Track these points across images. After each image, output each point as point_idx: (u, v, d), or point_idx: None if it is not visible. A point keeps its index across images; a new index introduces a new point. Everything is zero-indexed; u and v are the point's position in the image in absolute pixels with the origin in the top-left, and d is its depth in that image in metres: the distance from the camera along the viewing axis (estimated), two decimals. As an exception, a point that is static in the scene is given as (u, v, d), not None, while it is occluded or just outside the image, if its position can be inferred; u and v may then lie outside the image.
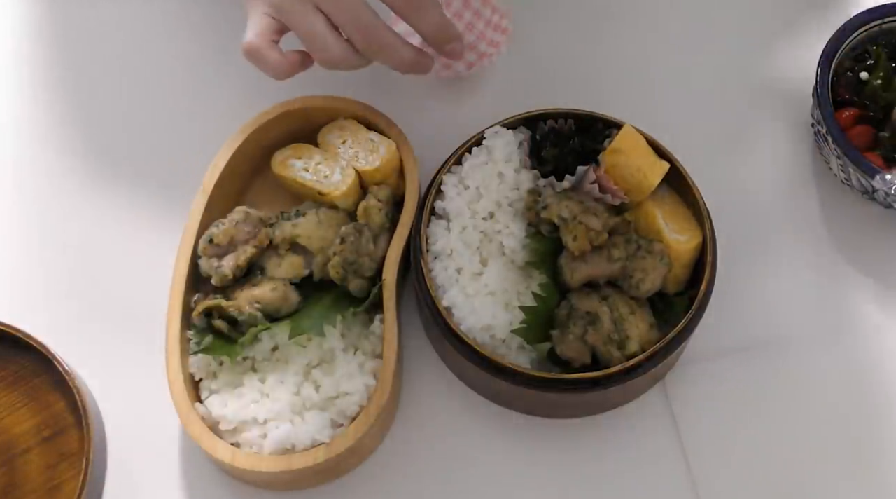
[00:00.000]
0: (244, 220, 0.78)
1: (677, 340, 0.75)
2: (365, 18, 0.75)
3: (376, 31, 0.75)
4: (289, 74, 0.78)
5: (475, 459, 0.79)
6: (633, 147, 0.78)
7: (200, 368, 0.76)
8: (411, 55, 0.78)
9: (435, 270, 0.78)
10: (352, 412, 0.75)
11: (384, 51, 0.76)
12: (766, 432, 0.79)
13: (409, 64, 0.78)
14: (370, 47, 0.76)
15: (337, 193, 0.79)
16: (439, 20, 0.78)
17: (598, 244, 0.77)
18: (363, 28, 0.75)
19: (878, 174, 0.80)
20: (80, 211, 0.87)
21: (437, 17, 0.77)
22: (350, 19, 0.75)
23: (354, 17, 0.75)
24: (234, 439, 0.74)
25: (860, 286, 0.84)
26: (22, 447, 0.77)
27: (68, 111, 0.91)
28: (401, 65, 0.78)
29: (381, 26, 0.76)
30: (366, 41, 0.75)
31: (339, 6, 0.74)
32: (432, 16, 0.77)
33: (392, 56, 0.77)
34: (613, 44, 0.94)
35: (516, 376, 0.74)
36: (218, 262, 0.77)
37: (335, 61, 0.76)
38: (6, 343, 0.79)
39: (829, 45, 0.84)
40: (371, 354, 0.77)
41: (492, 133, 0.81)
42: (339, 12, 0.74)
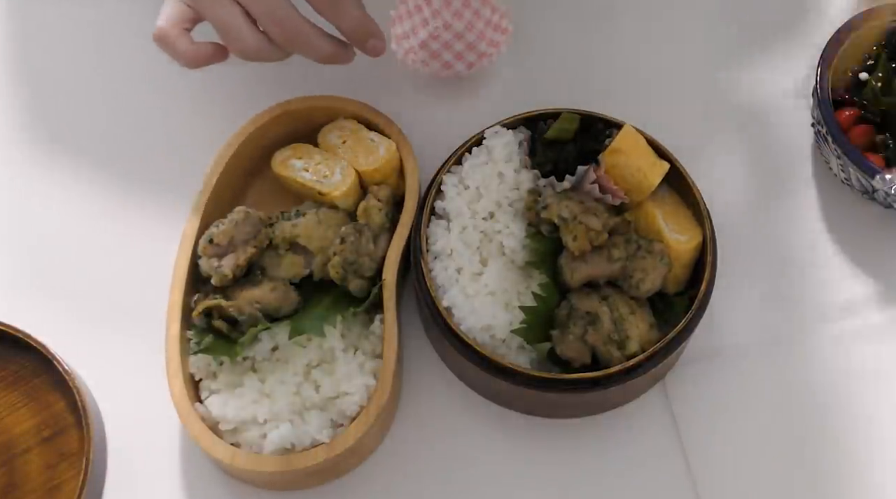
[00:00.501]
0: (244, 220, 0.78)
1: (677, 341, 0.75)
2: (280, 10, 0.74)
3: (291, 23, 0.75)
4: (199, 64, 0.77)
5: (475, 459, 0.79)
6: (633, 147, 0.78)
7: (200, 369, 0.76)
8: (329, 47, 0.78)
9: (435, 270, 0.78)
10: (352, 412, 0.75)
11: (300, 42, 0.76)
12: (766, 432, 0.79)
13: (327, 56, 0.78)
14: (286, 39, 0.75)
15: (337, 193, 0.79)
16: (357, 17, 0.77)
17: (598, 244, 0.77)
18: (278, 20, 0.74)
19: (878, 174, 0.80)
20: (81, 211, 0.87)
21: (354, 14, 0.77)
22: (265, 10, 0.74)
23: (269, 8, 0.74)
24: (234, 439, 0.74)
25: (860, 286, 0.84)
26: (22, 447, 0.77)
27: (68, 111, 0.91)
28: (319, 56, 0.78)
29: (297, 17, 0.75)
30: (281, 32, 0.75)
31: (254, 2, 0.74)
32: (349, 13, 0.77)
33: (309, 48, 0.77)
34: (613, 44, 0.94)
35: (516, 376, 0.75)
36: (218, 262, 0.77)
37: (249, 52, 0.76)
38: (6, 343, 0.79)
39: (829, 45, 0.84)
40: (371, 354, 0.77)
41: (492, 133, 0.81)
42: (253, 3, 0.74)
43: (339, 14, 0.77)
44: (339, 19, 0.77)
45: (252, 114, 0.83)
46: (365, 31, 0.79)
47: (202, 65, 0.77)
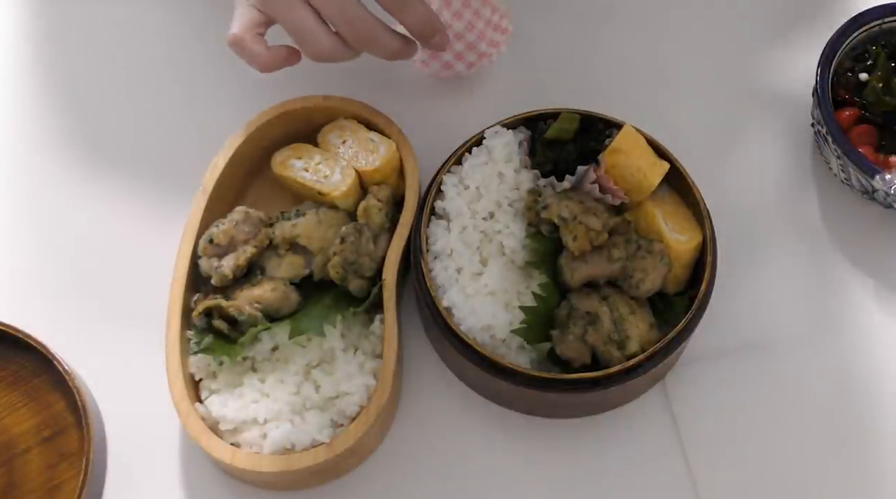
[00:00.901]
0: (244, 220, 0.78)
1: (677, 340, 0.75)
2: (352, 10, 0.74)
3: (363, 23, 0.75)
4: (274, 68, 0.77)
5: (475, 459, 0.79)
6: (633, 147, 0.78)
7: (200, 369, 0.76)
8: (398, 44, 0.78)
9: (435, 270, 0.78)
10: (352, 412, 0.75)
11: (373, 42, 0.76)
12: (766, 432, 0.79)
13: (396, 52, 0.78)
14: (358, 38, 0.76)
15: (337, 194, 0.79)
16: (424, 13, 0.77)
17: (598, 244, 0.76)
18: (350, 20, 0.74)
19: (878, 174, 0.80)
20: (81, 211, 0.87)
21: (421, 10, 0.77)
22: (338, 11, 0.74)
23: (342, 9, 0.74)
24: (234, 439, 0.74)
25: (860, 286, 0.84)
26: (22, 447, 0.77)
27: (68, 112, 0.91)
28: (389, 54, 0.78)
29: (368, 17, 0.75)
30: (355, 33, 0.75)
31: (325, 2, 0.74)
32: (417, 9, 0.77)
33: (380, 46, 0.77)
34: (613, 44, 0.94)
35: (516, 376, 0.74)
36: (218, 262, 0.77)
37: (324, 55, 0.76)
38: (6, 343, 0.79)
39: (829, 45, 0.84)
40: (371, 354, 0.77)
41: (492, 133, 0.81)
42: (326, 5, 0.74)
43: (406, 12, 0.77)
44: (406, 17, 0.77)
45: (252, 114, 0.83)
46: (431, 28, 0.78)
47: (276, 69, 0.77)
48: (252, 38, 0.76)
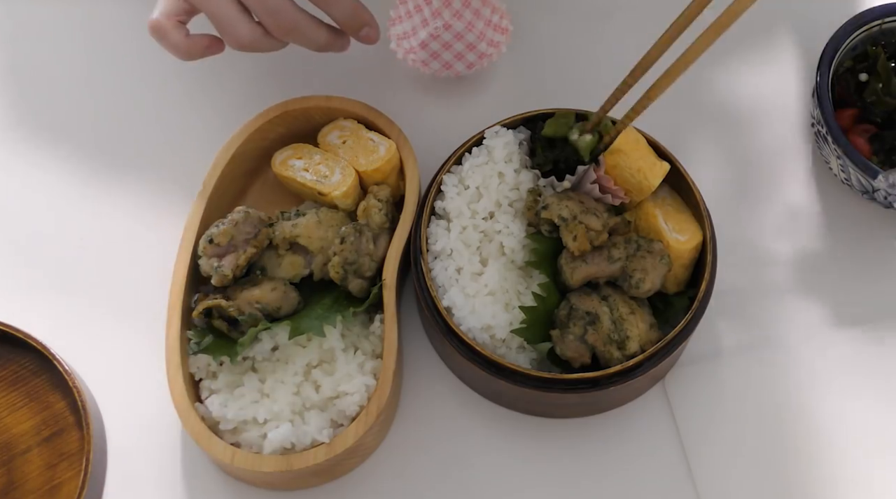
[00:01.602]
0: (244, 220, 0.78)
1: (677, 340, 0.75)
2: (274, 0, 0.74)
3: (286, 13, 0.75)
4: (194, 56, 0.77)
5: (475, 458, 0.79)
6: (634, 147, 0.78)
7: (200, 369, 0.76)
8: (324, 36, 0.78)
9: (435, 270, 0.78)
10: (352, 412, 0.75)
11: (295, 32, 0.76)
12: (766, 432, 0.79)
13: (322, 45, 0.78)
14: (281, 29, 0.76)
15: (337, 193, 0.79)
16: (350, 6, 0.78)
17: (598, 244, 0.77)
18: (273, 10, 0.75)
19: (879, 174, 0.80)
20: (81, 211, 0.87)
21: (347, 3, 0.78)
22: (259, 1, 0.74)
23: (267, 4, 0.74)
24: (234, 439, 0.74)
25: (860, 286, 0.84)
26: (22, 447, 0.77)
27: (68, 112, 0.91)
28: (315, 46, 0.78)
29: (291, 7, 0.75)
30: (276, 23, 0.75)
31: None
32: (342, 3, 0.77)
33: (304, 37, 0.77)
34: (614, 44, 0.94)
35: (516, 376, 0.75)
36: (218, 262, 0.77)
37: (245, 44, 0.76)
38: (6, 343, 0.79)
39: (829, 45, 0.84)
40: (371, 354, 0.77)
41: (492, 133, 0.81)
42: None
43: (330, 3, 0.77)
44: (331, 8, 0.78)
45: (252, 114, 0.83)
46: (358, 19, 0.79)
47: (197, 57, 0.78)
48: (173, 26, 0.76)
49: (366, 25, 0.79)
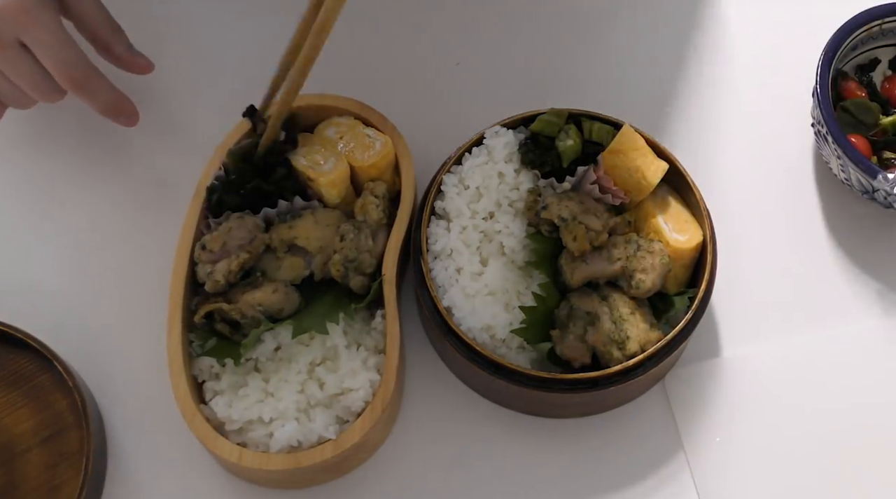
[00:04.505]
0: (238, 225, 0.77)
1: (677, 340, 0.75)
2: (71, 55, 0.76)
3: (78, 67, 0.77)
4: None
5: (476, 458, 0.79)
6: (633, 147, 0.78)
7: (203, 370, 0.76)
8: (114, 97, 0.81)
9: (435, 270, 0.78)
10: (357, 408, 0.75)
11: (86, 89, 0.78)
12: (766, 432, 0.79)
13: (110, 107, 0.81)
14: (71, 82, 0.77)
15: (324, 180, 0.79)
16: (109, 97, 0.80)
17: (598, 244, 0.77)
18: (64, 63, 0.76)
19: (879, 174, 0.80)
20: (81, 211, 0.87)
21: (107, 94, 0.80)
22: (51, 54, 0.75)
23: (59, 53, 0.75)
24: (240, 439, 0.74)
25: (860, 286, 0.84)
26: (22, 447, 0.77)
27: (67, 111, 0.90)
28: (100, 106, 0.80)
29: (84, 62, 0.77)
30: (67, 76, 0.76)
31: (41, 42, 0.74)
32: (102, 94, 0.80)
33: (93, 95, 0.79)
34: (613, 44, 0.94)
35: (516, 376, 0.75)
36: (211, 267, 0.77)
37: (28, 105, 0.80)
38: (6, 343, 0.79)
39: (829, 45, 0.84)
40: (374, 349, 0.77)
41: (492, 133, 0.81)
42: (40, 48, 0.75)
43: (92, 96, 0.79)
44: (93, 100, 0.80)
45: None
46: (118, 109, 0.82)
47: None
48: None
49: (124, 114, 0.82)
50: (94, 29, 0.80)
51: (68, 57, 0.76)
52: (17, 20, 0.73)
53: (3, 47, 0.74)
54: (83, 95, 0.79)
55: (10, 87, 0.78)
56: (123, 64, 0.83)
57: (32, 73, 0.76)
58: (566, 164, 0.79)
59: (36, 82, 0.77)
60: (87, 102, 0.80)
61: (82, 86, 0.78)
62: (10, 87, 0.78)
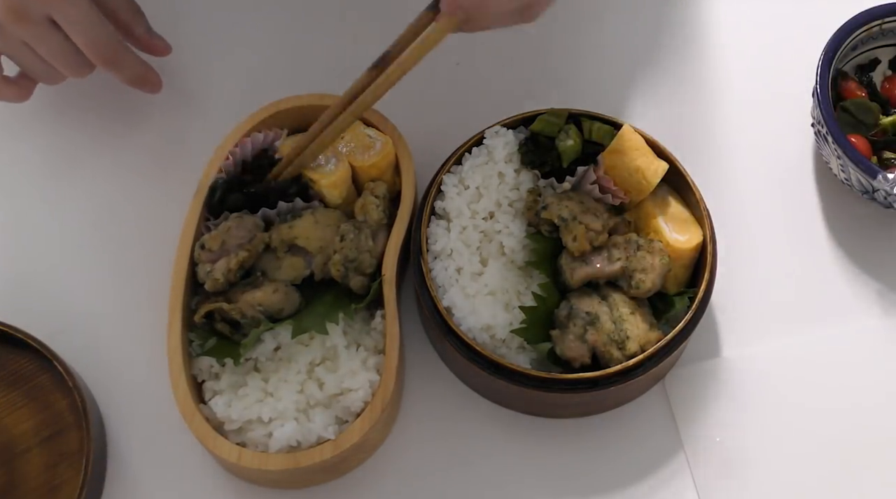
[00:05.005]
0: (237, 224, 0.77)
1: (677, 340, 0.75)
2: (101, 31, 0.77)
3: (109, 44, 0.78)
4: (27, 98, 0.82)
5: (477, 458, 0.79)
6: (633, 147, 0.78)
7: (203, 370, 0.76)
8: (142, 69, 0.82)
9: (435, 270, 0.78)
10: (356, 408, 0.75)
11: (115, 63, 0.79)
12: (766, 432, 0.79)
13: (137, 78, 0.82)
14: (101, 58, 0.78)
15: (325, 182, 0.79)
16: (137, 69, 0.82)
17: (598, 244, 0.77)
18: (94, 40, 0.77)
19: (879, 174, 0.80)
20: (80, 211, 0.87)
21: (135, 67, 0.82)
22: (81, 31, 0.76)
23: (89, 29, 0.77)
24: (240, 438, 0.74)
25: (860, 286, 0.84)
26: (22, 447, 0.77)
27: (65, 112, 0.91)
28: (129, 79, 0.82)
29: (115, 38, 0.79)
30: (97, 52, 0.78)
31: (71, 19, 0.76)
32: (131, 67, 0.82)
33: (123, 69, 0.81)
34: (614, 44, 0.94)
35: (516, 376, 0.75)
36: (211, 267, 0.77)
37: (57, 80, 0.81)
38: (6, 343, 0.79)
39: (829, 45, 0.84)
40: (373, 350, 0.77)
41: (492, 133, 0.81)
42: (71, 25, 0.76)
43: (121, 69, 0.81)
44: (121, 73, 0.81)
45: (245, 114, 0.83)
46: (145, 81, 0.83)
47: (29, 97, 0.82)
48: (6, 88, 0.80)
49: (149, 83, 0.84)
50: (114, 9, 0.81)
51: (99, 34, 0.77)
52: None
53: (34, 24, 0.75)
54: (113, 70, 0.80)
55: (40, 64, 0.79)
56: (142, 45, 0.84)
57: (63, 49, 0.77)
58: (566, 164, 0.79)
59: (66, 58, 0.78)
60: (116, 76, 0.81)
61: (112, 61, 0.79)
62: (40, 64, 0.79)
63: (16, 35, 0.76)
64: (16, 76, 0.82)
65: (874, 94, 0.87)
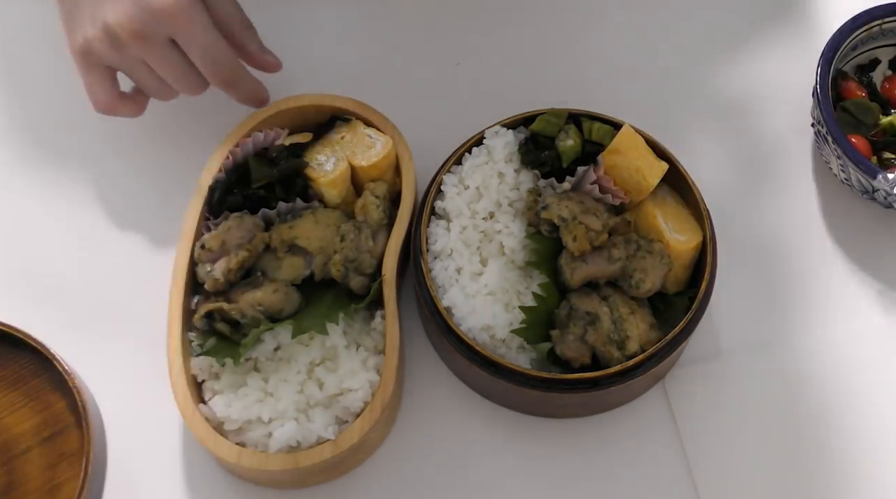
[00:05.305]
0: (237, 224, 0.77)
1: (677, 340, 0.75)
2: (222, 53, 0.78)
3: (227, 64, 0.79)
4: (141, 113, 0.83)
5: (476, 458, 0.79)
6: (632, 147, 0.78)
7: (202, 370, 0.76)
8: (255, 89, 0.83)
9: (435, 270, 0.78)
10: (356, 409, 0.75)
11: (232, 83, 0.81)
12: (766, 432, 0.79)
13: (251, 98, 0.83)
14: (219, 78, 0.79)
15: (324, 180, 0.79)
16: (251, 88, 0.83)
17: (598, 244, 0.77)
18: (215, 60, 0.78)
19: (879, 174, 0.80)
20: (80, 211, 0.87)
21: (249, 86, 0.82)
22: (203, 52, 0.77)
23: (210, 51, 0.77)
24: (240, 438, 0.74)
25: (860, 286, 0.84)
26: (22, 447, 0.77)
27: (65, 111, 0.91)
28: (243, 98, 0.83)
29: (233, 58, 0.80)
30: (216, 72, 0.79)
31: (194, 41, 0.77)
32: (245, 86, 0.82)
33: (239, 89, 0.82)
34: (614, 43, 0.94)
35: (516, 376, 0.75)
36: (211, 267, 0.77)
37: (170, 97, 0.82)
38: (6, 343, 0.79)
39: (829, 45, 0.84)
40: (373, 350, 0.77)
41: (492, 133, 0.81)
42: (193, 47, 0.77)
43: (235, 86, 0.81)
44: (236, 94, 0.82)
45: (247, 113, 0.83)
46: (258, 97, 0.84)
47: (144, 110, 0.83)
48: (119, 103, 0.81)
49: (263, 100, 0.84)
50: (229, 26, 0.81)
51: (218, 56, 0.78)
52: (173, 20, 0.75)
53: (157, 46, 0.76)
54: (228, 89, 0.81)
55: (155, 81, 0.80)
56: (255, 62, 0.84)
57: (182, 69, 0.78)
58: (566, 164, 0.79)
59: (184, 78, 0.79)
60: (231, 95, 0.82)
61: (230, 82, 0.80)
62: (155, 81, 0.80)
63: (136, 54, 0.77)
64: (131, 91, 0.82)
65: (874, 94, 0.87)
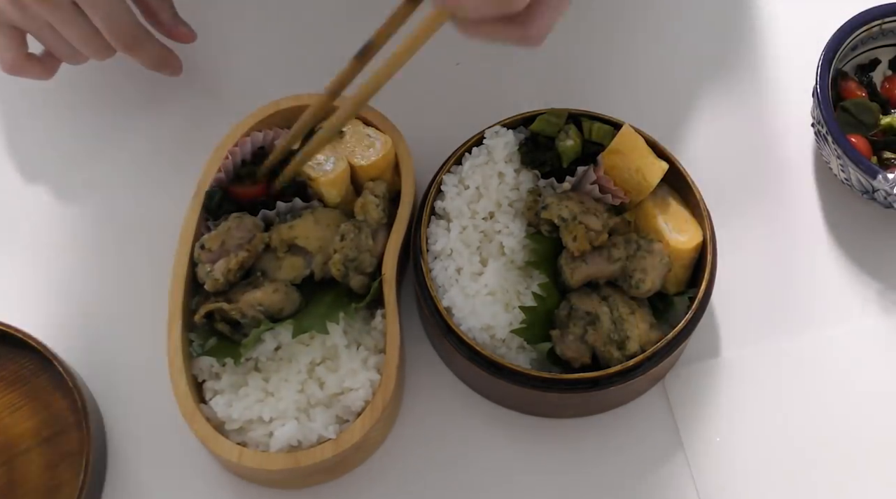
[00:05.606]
0: (237, 225, 0.77)
1: (677, 340, 0.75)
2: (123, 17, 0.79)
3: (129, 27, 0.80)
4: (51, 76, 0.83)
5: (477, 458, 0.79)
6: (632, 147, 0.78)
7: (203, 370, 0.76)
8: (162, 53, 0.84)
9: (435, 270, 0.78)
10: (357, 408, 0.75)
11: (135, 46, 0.81)
12: (766, 432, 0.79)
13: (158, 62, 0.84)
14: (122, 42, 0.80)
15: (324, 180, 0.79)
16: (157, 53, 0.84)
17: (598, 244, 0.77)
18: (116, 24, 0.79)
19: (879, 174, 0.80)
20: (80, 211, 0.87)
21: (155, 51, 0.84)
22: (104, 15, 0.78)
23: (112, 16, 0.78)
24: (241, 438, 0.74)
25: (860, 286, 0.84)
26: (22, 447, 0.77)
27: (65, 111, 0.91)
28: (150, 62, 0.84)
29: (134, 21, 0.80)
30: (118, 36, 0.79)
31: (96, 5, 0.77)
32: (150, 51, 0.83)
33: (143, 52, 0.82)
34: (614, 43, 0.94)
35: (516, 376, 0.75)
36: (211, 267, 0.77)
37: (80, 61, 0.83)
38: (6, 343, 0.79)
39: (829, 45, 0.84)
40: (374, 349, 0.77)
41: (492, 133, 0.81)
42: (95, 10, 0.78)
43: (140, 53, 0.82)
44: (141, 57, 0.83)
45: (243, 114, 0.83)
46: (166, 64, 0.85)
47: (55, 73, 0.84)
48: (26, 63, 0.81)
49: (171, 66, 0.86)
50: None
51: (119, 19, 0.79)
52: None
53: (59, 7, 0.77)
54: (132, 54, 0.82)
55: (63, 44, 0.80)
56: (167, 31, 0.85)
57: (85, 32, 0.79)
58: (566, 164, 0.79)
59: (88, 41, 0.80)
60: (136, 59, 0.83)
61: (131, 46, 0.81)
62: (63, 44, 0.80)
63: (40, 15, 0.78)
64: (41, 54, 0.82)
65: (874, 94, 0.87)
